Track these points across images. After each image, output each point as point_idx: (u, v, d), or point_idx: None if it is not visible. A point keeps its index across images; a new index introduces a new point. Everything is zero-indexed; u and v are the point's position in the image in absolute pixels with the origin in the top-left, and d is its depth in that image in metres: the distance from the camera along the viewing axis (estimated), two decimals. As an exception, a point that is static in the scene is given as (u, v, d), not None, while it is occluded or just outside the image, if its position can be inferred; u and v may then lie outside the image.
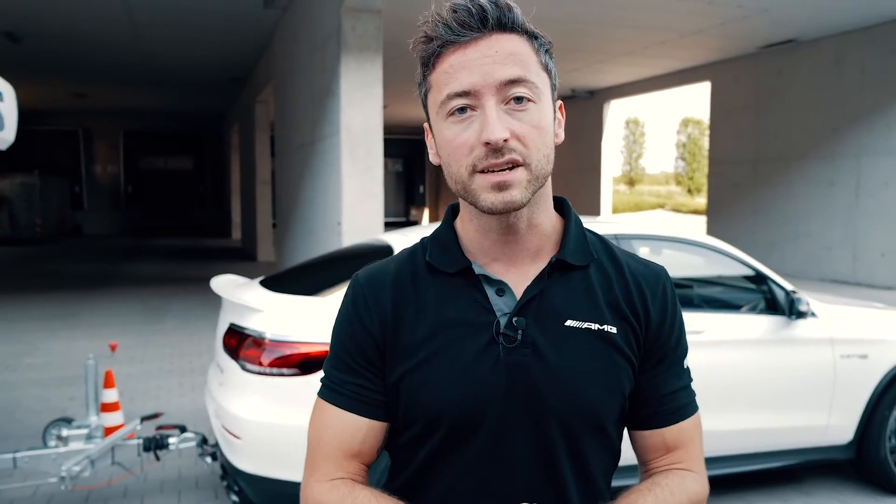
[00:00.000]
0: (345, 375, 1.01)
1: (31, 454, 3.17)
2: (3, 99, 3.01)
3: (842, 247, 11.67)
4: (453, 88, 0.92)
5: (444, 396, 0.97)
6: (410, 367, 0.98)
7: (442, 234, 1.06)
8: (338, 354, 1.03)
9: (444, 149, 0.96)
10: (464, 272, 1.01)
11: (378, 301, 1.02)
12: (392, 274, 1.04)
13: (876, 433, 3.69)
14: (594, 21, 10.45)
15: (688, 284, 4.14)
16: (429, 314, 1.00)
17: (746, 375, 3.51)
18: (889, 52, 10.83)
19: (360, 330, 1.01)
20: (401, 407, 1.00)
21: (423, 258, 1.05)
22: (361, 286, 1.05)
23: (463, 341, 0.98)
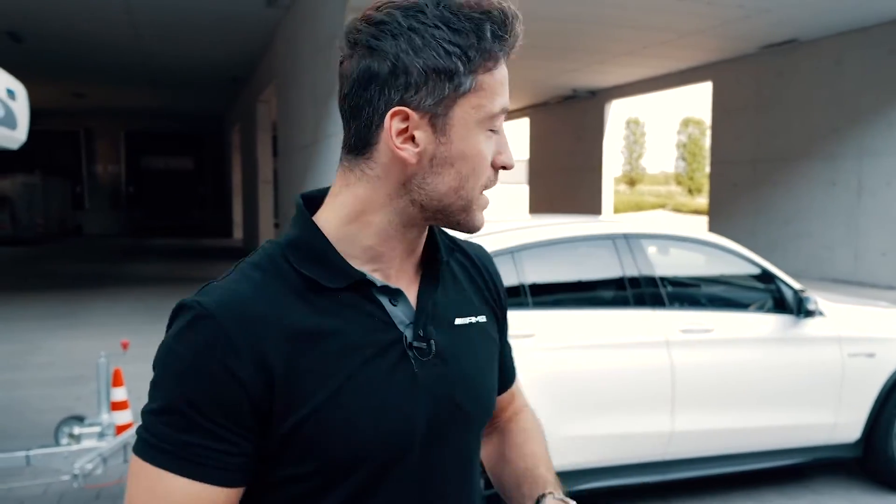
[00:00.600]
0: (189, 436, 0.77)
1: (43, 452, 3.19)
2: (15, 98, 3.03)
3: (843, 247, 11.69)
4: (507, 104, 0.86)
5: (363, 433, 0.83)
6: (311, 409, 0.80)
7: (309, 241, 0.87)
8: (176, 410, 0.77)
9: (470, 159, 0.84)
10: (354, 285, 0.86)
11: (248, 338, 0.78)
12: (257, 300, 0.81)
13: (883, 431, 3.71)
14: (595, 21, 10.47)
15: (696, 283, 4.16)
16: (324, 342, 0.82)
17: (755, 374, 3.53)
18: (889, 52, 10.85)
19: (226, 384, 0.77)
20: (296, 457, 0.82)
21: (291, 272, 0.85)
22: (220, 322, 0.78)
23: (371, 364, 0.84)
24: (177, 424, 0.77)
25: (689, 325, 3.43)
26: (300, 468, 0.82)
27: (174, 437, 0.77)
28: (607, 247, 3.51)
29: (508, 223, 3.57)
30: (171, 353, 0.79)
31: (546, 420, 3.18)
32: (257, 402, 0.78)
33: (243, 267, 0.86)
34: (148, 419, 0.79)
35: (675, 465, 3.43)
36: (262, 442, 0.81)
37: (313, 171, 8.34)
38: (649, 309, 3.42)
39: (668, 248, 3.93)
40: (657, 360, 3.33)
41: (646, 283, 3.46)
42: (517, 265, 3.29)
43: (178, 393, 0.78)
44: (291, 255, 0.86)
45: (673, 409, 3.34)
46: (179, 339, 0.79)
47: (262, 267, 0.85)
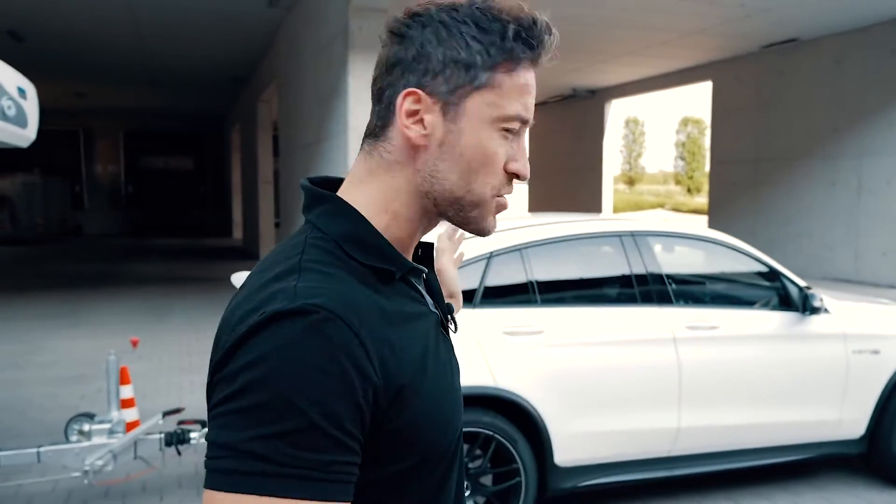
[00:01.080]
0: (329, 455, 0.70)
1: (54, 448, 3.20)
2: (26, 97, 3.04)
3: (844, 246, 11.72)
4: (524, 114, 0.87)
5: (450, 418, 0.85)
6: (421, 399, 0.79)
7: (364, 234, 0.86)
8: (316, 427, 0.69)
9: (477, 154, 0.85)
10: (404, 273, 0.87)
11: (372, 337, 0.75)
12: (360, 297, 0.79)
13: (888, 428, 3.73)
14: (596, 21, 10.49)
15: (702, 281, 4.18)
16: (406, 331, 0.82)
17: (761, 370, 3.55)
18: (890, 51, 10.88)
19: (360, 386, 0.72)
20: (398, 452, 0.79)
21: (357, 265, 0.83)
22: (342, 321, 0.73)
23: (436, 349, 0.86)
24: (312, 444, 0.69)
25: (696, 321, 3.45)
26: (401, 464, 0.80)
27: (309, 460, 0.69)
28: (614, 244, 3.52)
29: (516, 221, 3.59)
30: (296, 364, 0.70)
31: (554, 416, 3.21)
32: (380, 404, 0.75)
33: (315, 266, 0.80)
34: (262, 445, 0.68)
35: (682, 460, 3.45)
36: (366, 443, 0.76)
37: (315, 170, 8.35)
38: (656, 306, 3.44)
39: (674, 246, 3.94)
40: (664, 357, 3.35)
41: (652, 281, 3.48)
42: (525, 263, 3.31)
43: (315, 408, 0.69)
44: (351, 249, 0.84)
45: (679, 405, 3.36)
46: (305, 347, 0.71)
47: (331, 263, 0.81)
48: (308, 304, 0.73)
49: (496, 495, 3.17)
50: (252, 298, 0.77)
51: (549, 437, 3.13)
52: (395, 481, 0.80)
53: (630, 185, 57.26)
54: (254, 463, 0.68)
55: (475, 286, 3.20)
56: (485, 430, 3.04)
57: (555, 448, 3.15)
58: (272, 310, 0.72)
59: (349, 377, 0.71)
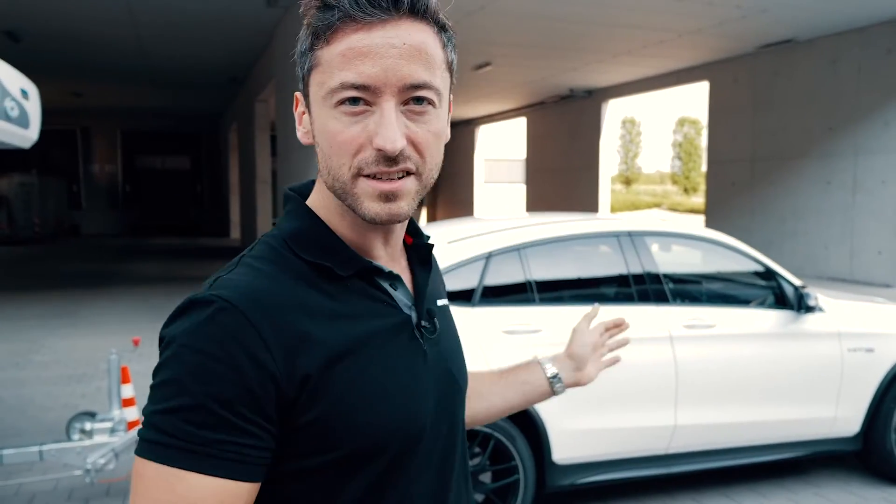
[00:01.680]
0: (215, 433, 0.74)
1: (57, 447, 3.23)
2: (28, 98, 3.06)
3: (839, 245, 11.77)
4: (350, 79, 0.79)
5: (388, 415, 0.83)
6: (339, 394, 0.80)
7: (312, 231, 0.88)
8: (201, 406, 0.74)
9: (324, 138, 0.83)
10: (360, 272, 0.87)
11: (275, 328, 0.77)
12: (273, 288, 0.81)
13: (882, 425, 3.77)
14: (593, 21, 10.52)
15: (698, 280, 4.21)
16: (341, 326, 0.82)
17: (756, 368, 3.58)
18: (885, 51, 10.93)
19: (250, 372, 0.75)
20: (319, 444, 0.81)
21: (300, 263, 0.85)
22: (239, 311, 0.77)
23: (387, 348, 0.86)
24: (200, 422, 0.74)
25: (692, 320, 3.49)
26: (326, 457, 0.81)
27: (197, 435, 0.73)
28: (612, 244, 3.56)
29: (514, 221, 3.62)
30: (186, 349, 0.76)
31: (552, 414, 3.24)
32: (284, 393, 0.77)
33: (248, 261, 0.84)
34: (160, 419, 0.74)
35: (679, 458, 3.49)
36: (285, 433, 0.79)
37: (312, 170, 8.37)
38: (653, 305, 3.47)
39: (671, 245, 3.98)
40: (660, 356, 3.38)
41: (649, 280, 3.51)
42: (524, 262, 3.34)
43: (200, 388, 0.74)
44: (296, 245, 0.86)
45: (676, 403, 3.40)
46: (197, 333, 0.76)
47: (269, 259, 0.85)
48: (213, 295, 0.78)
49: (495, 492, 3.20)
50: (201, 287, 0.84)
51: (547, 435, 3.17)
52: (324, 474, 0.81)
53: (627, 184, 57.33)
54: (155, 433, 0.74)
55: (474, 285, 3.23)
56: (483, 429, 3.07)
57: (553, 446, 3.18)
58: (189, 297, 0.79)
59: (239, 363, 0.75)
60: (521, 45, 12.12)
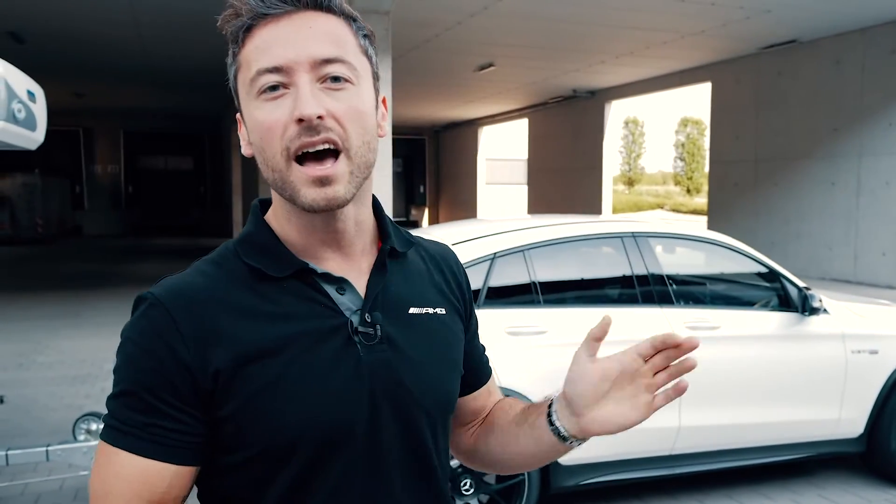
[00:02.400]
0: (144, 417, 0.82)
1: (63, 447, 3.24)
2: (35, 100, 3.07)
3: (843, 246, 11.76)
4: (263, 63, 0.83)
5: (303, 416, 0.84)
6: (254, 390, 0.83)
7: (256, 235, 0.93)
8: (133, 392, 0.83)
9: (255, 132, 0.86)
10: (297, 274, 0.89)
11: (193, 323, 0.84)
12: (202, 287, 0.87)
13: (886, 427, 3.77)
14: (596, 22, 10.53)
15: (702, 281, 4.22)
16: (266, 326, 0.86)
17: (760, 370, 3.59)
18: (889, 52, 10.93)
19: (169, 362, 0.82)
20: (239, 440, 0.85)
21: (240, 264, 0.90)
22: (164, 307, 0.84)
23: (314, 350, 0.86)
24: (132, 406, 0.83)
25: (696, 322, 3.49)
26: (245, 452, 0.85)
27: (131, 418, 0.83)
28: (616, 246, 3.57)
29: (518, 222, 3.63)
30: (127, 341, 0.85)
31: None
32: (200, 384, 0.83)
33: (198, 264, 0.93)
34: (110, 404, 0.85)
35: (683, 459, 3.49)
36: (210, 425, 0.85)
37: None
38: (657, 306, 3.48)
39: (675, 247, 3.99)
40: (665, 357, 3.38)
41: (654, 281, 3.52)
42: (528, 264, 3.35)
43: (132, 376, 0.84)
44: (241, 248, 0.91)
45: (680, 404, 3.40)
46: (133, 327, 0.86)
47: (214, 262, 0.92)
48: (148, 293, 0.87)
49: (500, 493, 3.21)
50: None
51: (551, 436, 3.17)
52: (248, 470, 0.86)
53: (630, 185, 57.32)
54: (107, 416, 0.85)
55: (479, 287, 3.24)
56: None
57: (557, 447, 3.19)
58: (138, 294, 0.89)
59: (160, 354, 0.83)
60: (523, 46, 12.12)
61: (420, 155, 27.99)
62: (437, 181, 28.12)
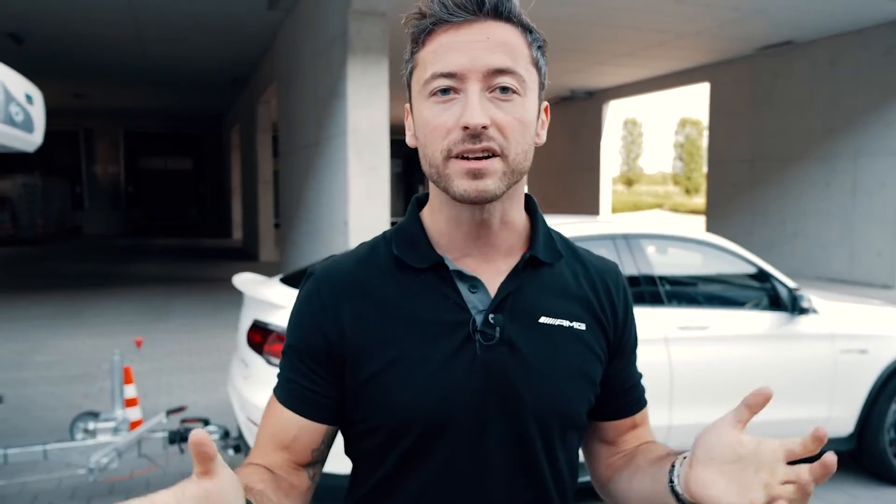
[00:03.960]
0: (290, 374, 0.98)
1: (60, 446, 3.28)
2: (33, 103, 3.11)
3: (839, 246, 11.81)
4: (439, 68, 0.88)
5: (414, 399, 0.91)
6: (377, 369, 0.93)
7: (408, 227, 1.01)
8: (287, 352, 0.99)
9: (421, 129, 0.92)
10: (435, 268, 0.96)
11: (336, 300, 0.96)
12: (352, 270, 0.98)
13: (876, 426, 3.81)
14: (593, 22, 10.57)
15: (693, 282, 4.26)
16: (397, 312, 0.94)
17: (750, 369, 3.63)
18: (884, 53, 10.97)
19: (313, 331, 0.96)
20: (364, 411, 0.95)
21: (388, 252, 0.99)
22: (317, 283, 0.98)
23: (436, 340, 0.93)
24: (286, 364, 0.99)
25: (687, 322, 3.53)
26: (366, 424, 0.95)
27: (283, 374, 0.99)
28: (607, 246, 3.60)
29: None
30: (295, 305, 1.01)
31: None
32: (335, 353, 0.95)
33: (359, 245, 1.04)
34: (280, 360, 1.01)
35: (673, 458, 3.52)
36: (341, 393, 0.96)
37: (314, 171, 8.43)
38: (648, 307, 3.52)
39: (667, 248, 4.02)
40: (655, 356, 3.43)
41: (644, 282, 3.56)
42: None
43: (289, 339, 1.00)
44: (393, 239, 1.00)
45: (671, 403, 3.44)
46: (298, 296, 1.00)
47: (371, 245, 1.03)
48: (312, 268, 1.02)
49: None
50: None
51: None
52: (371, 440, 0.97)
53: (629, 185, 57.33)
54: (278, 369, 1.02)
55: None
56: None
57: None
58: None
59: (306, 324, 0.97)
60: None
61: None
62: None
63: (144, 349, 6.95)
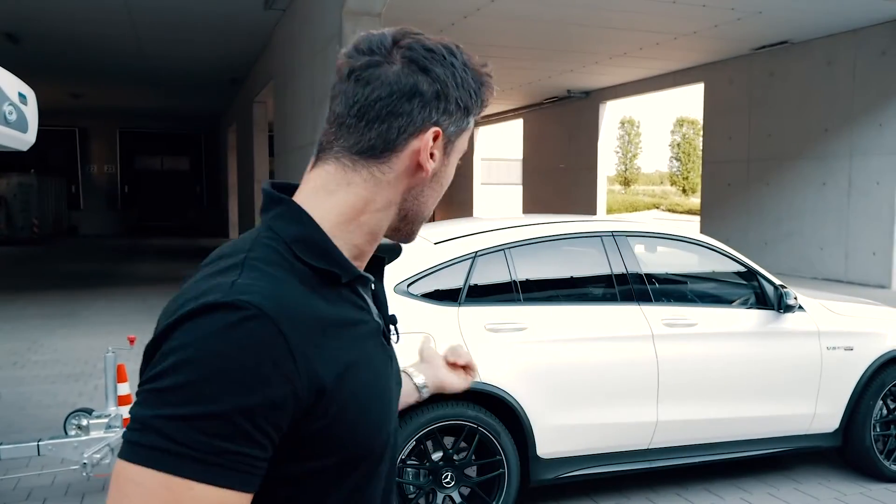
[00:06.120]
0: (234, 445, 0.73)
1: (54, 442, 3.31)
2: (26, 103, 3.14)
3: (834, 246, 11.85)
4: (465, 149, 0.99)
5: (380, 421, 0.89)
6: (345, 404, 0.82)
7: (315, 237, 0.89)
8: (227, 418, 0.72)
9: (447, 180, 0.99)
10: (351, 280, 0.90)
11: (299, 337, 0.78)
12: (294, 295, 0.82)
13: (861, 422, 3.85)
14: (588, 23, 10.61)
15: (682, 280, 4.30)
16: (346, 335, 0.86)
17: (737, 366, 3.66)
18: (879, 53, 11.02)
19: (278, 384, 0.75)
20: (318, 451, 0.82)
21: (303, 267, 0.85)
22: (270, 319, 0.76)
23: (375, 355, 0.91)
24: (214, 431, 0.72)
25: (674, 319, 3.57)
26: (319, 462, 0.83)
27: (209, 445, 0.72)
28: (595, 244, 3.64)
29: (500, 222, 3.70)
30: (211, 354, 0.73)
31: (536, 409, 3.32)
32: (303, 404, 0.78)
33: (257, 265, 0.82)
34: (167, 425, 0.71)
35: (661, 452, 3.57)
36: (286, 441, 0.79)
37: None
38: (635, 304, 3.56)
39: (655, 246, 4.06)
40: (643, 353, 3.47)
41: (632, 280, 3.60)
42: (509, 262, 3.42)
43: (222, 397, 0.72)
44: (300, 251, 0.86)
45: (658, 399, 3.48)
46: (222, 340, 0.74)
47: (277, 263, 0.84)
48: (240, 300, 0.76)
49: (480, 486, 3.29)
50: (195, 288, 0.80)
51: (531, 430, 3.25)
52: (314, 478, 0.84)
53: (626, 185, 57.39)
54: (159, 439, 0.71)
55: (460, 285, 3.31)
56: (469, 423, 3.16)
57: (537, 440, 3.27)
58: (207, 300, 0.76)
59: (266, 374, 0.74)
60: (516, 47, 12.20)
61: (416, 155, 28.05)
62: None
63: (138, 347, 6.96)
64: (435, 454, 3.20)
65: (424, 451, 3.18)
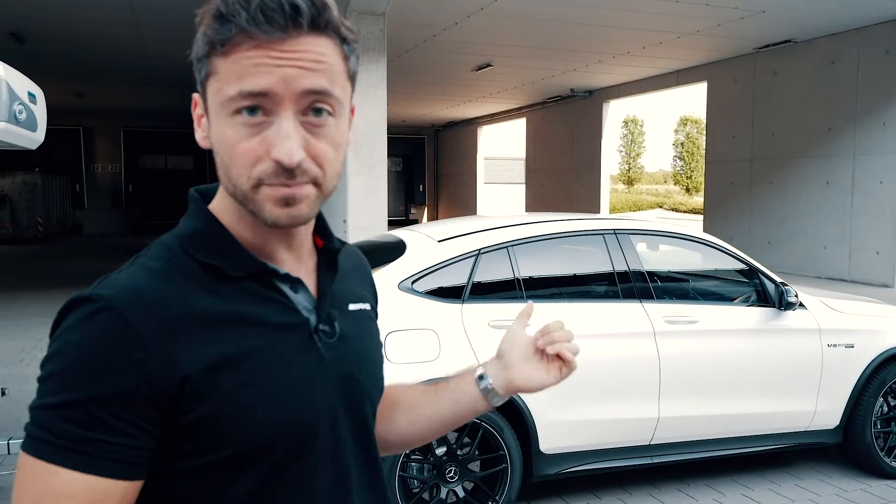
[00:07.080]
0: (86, 431, 0.74)
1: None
2: (35, 102, 3.18)
3: (838, 245, 11.85)
4: (246, 87, 0.78)
5: (278, 417, 0.83)
6: (225, 395, 0.80)
7: (208, 231, 0.88)
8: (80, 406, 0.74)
9: (222, 147, 0.82)
10: (254, 274, 0.87)
11: (152, 326, 0.77)
12: (157, 287, 0.81)
13: (861, 418, 3.88)
14: (592, 22, 10.63)
15: (684, 278, 4.32)
16: (230, 329, 0.83)
17: (738, 363, 3.69)
18: (883, 52, 11.02)
19: (130, 376, 0.76)
20: (204, 445, 0.81)
21: (190, 262, 0.85)
22: (117, 310, 0.77)
23: (279, 351, 0.86)
24: (75, 419, 0.74)
25: (675, 316, 3.60)
26: (211, 456, 0.81)
27: (71, 432, 0.74)
28: (597, 242, 3.67)
29: (503, 220, 3.74)
30: (69, 346, 0.76)
31: (539, 405, 3.35)
32: (163, 393, 0.77)
33: (141, 261, 0.85)
34: (40, 414, 0.75)
35: (662, 448, 3.60)
36: (165, 432, 0.79)
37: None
38: (637, 301, 3.58)
39: (657, 244, 4.09)
40: (645, 350, 3.50)
41: (634, 277, 3.63)
42: (512, 260, 3.45)
43: (77, 387, 0.75)
44: (190, 245, 0.86)
45: (659, 396, 3.51)
46: (77, 332, 0.77)
47: (161, 258, 0.85)
48: (96, 294, 0.79)
49: (483, 480, 3.32)
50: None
51: (534, 426, 3.28)
52: (210, 473, 0.82)
53: (629, 184, 57.35)
54: (36, 428, 0.75)
55: (463, 282, 3.35)
56: (472, 419, 3.19)
57: (540, 436, 3.30)
58: (72, 296, 0.80)
59: (114, 362, 0.75)
60: (520, 46, 12.22)
61: (420, 154, 28.10)
62: (436, 180, 28.23)
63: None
64: (439, 449, 3.24)
65: (428, 445, 3.22)
